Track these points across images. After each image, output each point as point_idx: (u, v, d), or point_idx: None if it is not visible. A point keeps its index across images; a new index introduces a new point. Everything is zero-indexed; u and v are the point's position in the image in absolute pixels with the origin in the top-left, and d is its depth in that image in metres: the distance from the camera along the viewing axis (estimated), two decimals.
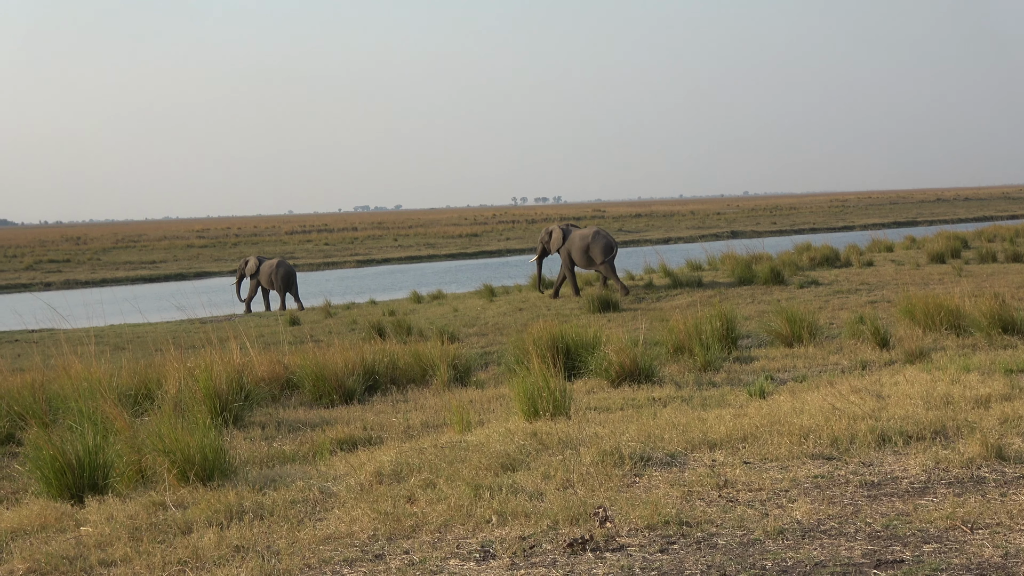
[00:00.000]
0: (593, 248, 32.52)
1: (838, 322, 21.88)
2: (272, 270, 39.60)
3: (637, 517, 7.83)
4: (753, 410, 11.63)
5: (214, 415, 13.48)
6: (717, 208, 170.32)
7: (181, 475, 9.92)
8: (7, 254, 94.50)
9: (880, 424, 10.17)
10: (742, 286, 30.92)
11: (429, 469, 9.74)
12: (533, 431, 10.96)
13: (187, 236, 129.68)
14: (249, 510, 8.79)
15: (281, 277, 39.38)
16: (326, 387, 16.20)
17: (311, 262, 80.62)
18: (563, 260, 33.71)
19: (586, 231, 33.26)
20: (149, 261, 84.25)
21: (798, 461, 9.36)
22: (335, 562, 7.38)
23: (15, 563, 7.82)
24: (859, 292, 28.19)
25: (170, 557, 7.64)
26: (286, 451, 12.51)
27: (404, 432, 13.30)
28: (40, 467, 10.29)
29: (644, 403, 13.67)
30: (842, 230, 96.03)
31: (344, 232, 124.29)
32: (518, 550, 7.34)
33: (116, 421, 11.30)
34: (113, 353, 21.51)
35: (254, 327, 28.09)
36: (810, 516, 7.74)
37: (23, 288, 65.37)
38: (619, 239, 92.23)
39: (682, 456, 9.81)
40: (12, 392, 14.92)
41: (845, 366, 16.09)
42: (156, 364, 16.83)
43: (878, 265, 35.32)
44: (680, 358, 17.50)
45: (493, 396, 15.45)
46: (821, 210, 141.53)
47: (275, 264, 39.73)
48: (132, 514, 8.96)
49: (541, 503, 8.38)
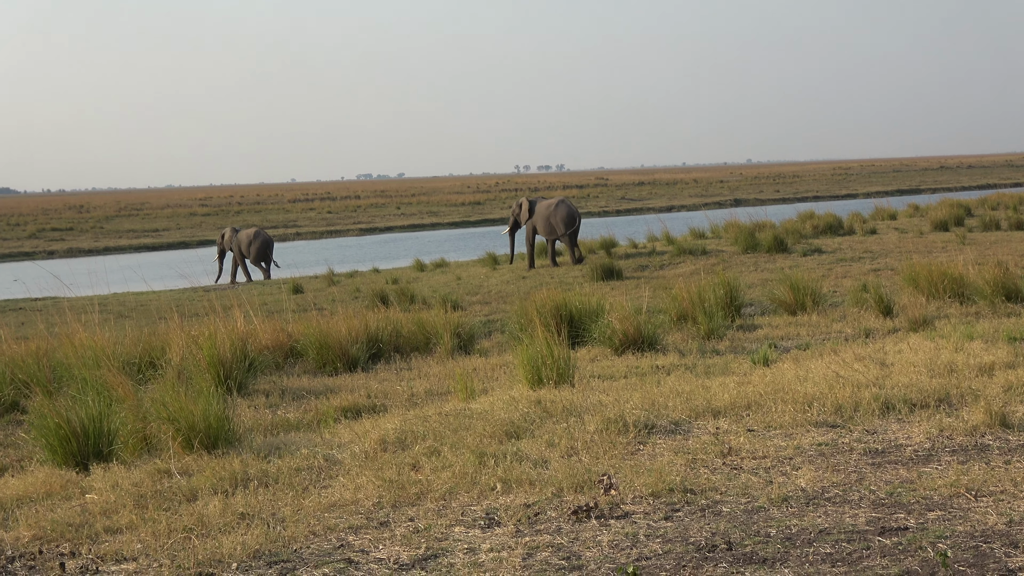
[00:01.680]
0: (555, 218, 32.84)
1: (841, 290, 21.88)
2: (249, 240, 39.61)
3: (641, 484, 7.84)
4: (757, 378, 11.64)
5: (218, 383, 13.47)
6: (720, 176, 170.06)
7: (186, 443, 9.93)
8: (10, 222, 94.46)
9: (884, 392, 10.18)
10: (745, 254, 30.93)
11: (433, 437, 9.75)
12: (537, 399, 10.97)
13: (190, 204, 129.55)
14: (254, 478, 8.81)
15: (258, 247, 39.42)
16: (330, 355, 16.21)
17: (314, 230, 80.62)
18: (527, 231, 34.42)
19: (550, 201, 33.96)
20: (152, 229, 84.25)
21: (802, 429, 9.37)
22: (340, 529, 7.39)
23: (21, 530, 7.83)
24: (862, 260, 28.17)
25: (175, 524, 7.65)
26: (290, 419, 12.53)
27: (408, 400, 13.31)
28: (45, 435, 10.31)
29: (648, 371, 13.67)
30: (845, 198, 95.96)
31: (347, 200, 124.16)
32: (523, 517, 7.35)
33: (120, 389, 11.32)
34: (117, 321, 21.53)
35: (257, 295, 28.13)
36: (814, 484, 7.75)
37: (26, 256, 65.44)
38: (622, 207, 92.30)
39: (686, 424, 9.82)
40: (16, 360, 14.94)
41: (849, 334, 16.09)
42: (160, 332, 16.84)
43: (881, 233, 35.31)
44: (684, 326, 17.50)
45: (497, 364, 15.46)
46: (824, 178, 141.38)
47: (252, 234, 39.75)
48: (137, 482, 8.98)
49: (545, 471, 8.39)
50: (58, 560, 7.19)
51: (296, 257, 52.65)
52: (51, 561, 7.18)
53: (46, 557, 7.29)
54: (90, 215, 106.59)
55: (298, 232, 79.67)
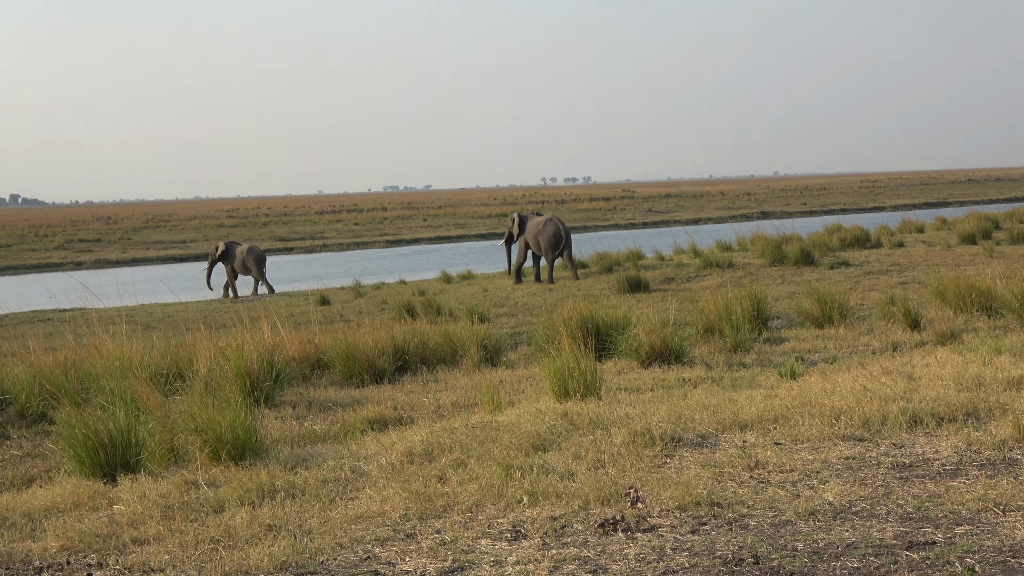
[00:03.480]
0: (542, 237, 33.03)
1: (869, 303, 21.84)
2: (244, 255, 39.91)
3: (668, 498, 7.83)
4: (784, 391, 11.62)
5: (245, 394, 13.50)
6: (747, 189, 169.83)
7: (213, 454, 9.95)
8: (38, 233, 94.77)
9: (911, 406, 10.14)
10: (772, 267, 30.90)
11: (460, 449, 9.75)
12: (564, 411, 10.96)
13: (217, 216, 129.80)
14: (281, 489, 8.82)
15: (253, 261, 39.71)
16: (357, 367, 16.23)
17: (341, 242, 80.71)
18: (519, 246, 34.57)
19: (539, 219, 34.19)
20: (179, 241, 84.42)
21: (829, 442, 9.34)
22: (367, 541, 7.40)
23: (49, 540, 7.85)
24: (890, 273, 28.12)
25: (202, 535, 7.66)
26: (317, 431, 12.55)
27: (435, 412, 13.33)
28: (73, 446, 10.35)
29: (674, 384, 13.66)
30: (873, 211, 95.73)
31: (374, 212, 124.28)
32: (549, 530, 7.35)
33: (148, 400, 11.36)
34: (144, 332, 21.57)
35: (284, 307, 28.17)
36: (841, 498, 7.73)
37: (54, 267, 65.65)
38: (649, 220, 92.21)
39: (713, 437, 9.80)
40: (44, 371, 14.99)
41: (876, 347, 16.06)
42: (187, 343, 16.88)
43: (909, 246, 35.25)
44: (710, 339, 17.49)
45: (523, 376, 15.47)
46: (852, 191, 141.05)
47: (246, 249, 40.06)
48: (164, 492, 9.00)
49: (572, 483, 8.38)
50: (85, 571, 7.21)
51: (323, 269, 52.73)
52: (78, 572, 7.20)
53: (73, 568, 7.31)
54: (118, 226, 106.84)
55: (325, 244, 79.78)
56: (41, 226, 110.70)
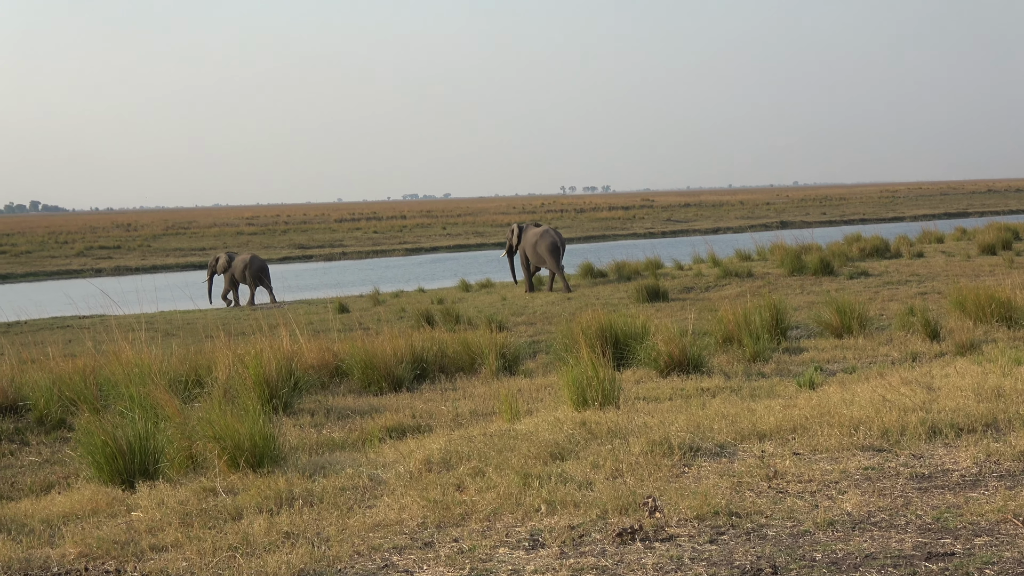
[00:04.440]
0: (540, 247, 33.51)
1: (888, 313, 21.79)
2: (245, 265, 40.00)
3: (686, 507, 7.81)
4: (803, 401, 11.59)
5: (264, 402, 13.53)
6: (766, 198, 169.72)
7: (231, 461, 9.96)
8: (58, 240, 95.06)
9: (931, 416, 10.11)
10: (791, 277, 30.84)
11: (478, 457, 9.74)
12: (582, 420, 10.95)
13: (237, 223, 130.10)
14: (299, 496, 8.83)
15: (253, 272, 39.80)
16: (375, 375, 16.25)
17: (360, 250, 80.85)
18: (520, 256, 35.26)
19: (537, 230, 34.90)
20: (199, 248, 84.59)
21: (848, 453, 9.32)
22: (384, 549, 7.40)
23: (67, 547, 7.87)
24: (909, 283, 28.07)
25: (220, 543, 7.67)
26: (335, 438, 12.57)
27: (453, 420, 13.34)
28: (92, 452, 10.37)
29: (693, 393, 13.65)
30: (892, 221, 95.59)
31: (393, 220, 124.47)
32: (567, 539, 7.34)
33: (167, 407, 11.38)
34: (163, 339, 21.61)
35: (303, 314, 28.19)
36: (860, 508, 7.71)
37: (74, 274, 65.82)
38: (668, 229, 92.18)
39: (731, 447, 9.79)
40: (64, 378, 15.03)
41: (895, 358, 16.03)
42: (206, 350, 16.90)
43: (928, 256, 35.15)
44: (729, 348, 17.47)
45: (542, 385, 15.47)
46: (871, 200, 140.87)
47: (247, 259, 40.15)
48: (183, 500, 9.01)
49: (590, 492, 8.38)
50: None
51: (342, 276, 52.78)
52: None
53: (92, 574, 7.33)
54: (137, 233, 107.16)
55: (344, 252, 79.91)
56: (61, 233, 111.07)
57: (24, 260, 76.82)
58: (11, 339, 24.67)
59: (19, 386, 15.41)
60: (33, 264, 73.82)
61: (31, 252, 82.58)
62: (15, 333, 29.17)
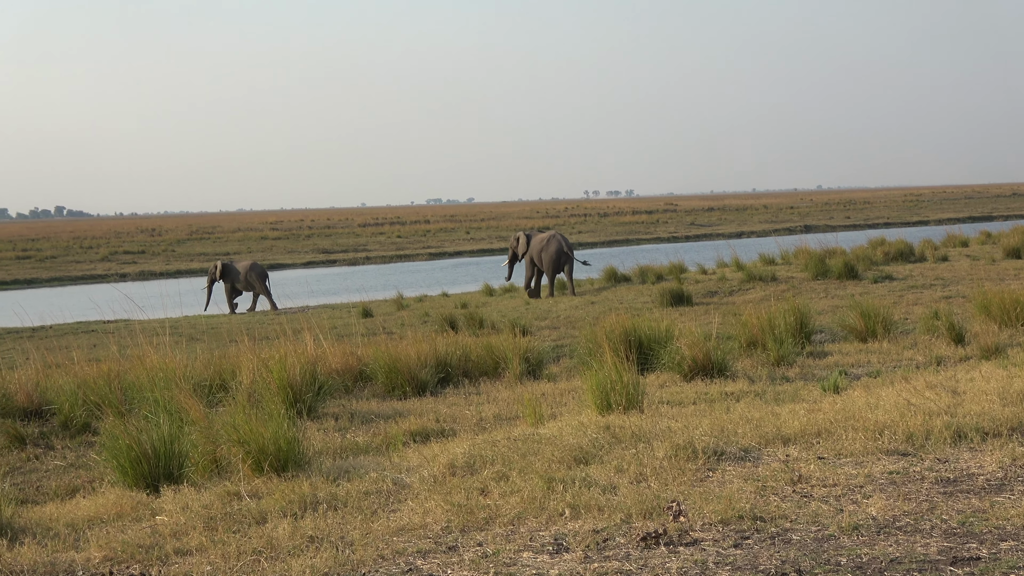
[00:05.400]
0: (545, 253, 33.87)
1: (912, 317, 21.75)
2: (246, 271, 40.18)
3: (711, 511, 7.80)
4: (827, 405, 11.56)
5: (288, 406, 13.53)
6: (790, 202, 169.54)
7: (255, 465, 9.97)
8: (83, 245, 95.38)
9: (956, 420, 10.08)
10: (815, 280, 30.78)
11: (502, 461, 9.74)
12: (606, 424, 10.95)
13: (261, 228, 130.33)
14: (323, 501, 8.84)
15: (256, 278, 39.98)
16: (399, 379, 16.26)
17: (383, 254, 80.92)
18: (526, 264, 35.81)
19: (543, 236, 35.56)
20: (223, 253, 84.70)
21: (873, 457, 9.30)
22: (409, 553, 7.40)
23: (92, 551, 7.89)
24: (934, 287, 27.99)
25: (245, 547, 7.68)
26: (359, 442, 12.57)
27: (477, 424, 13.34)
28: (116, 456, 10.40)
29: (717, 397, 13.63)
30: (916, 224, 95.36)
31: (417, 225, 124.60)
32: (591, 543, 7.34)
33: (191, 411, 11.39)
34: (188, 344, 21.68)
35: (327, 319, 28.23)
36: (885, 512, 7.69)
37: (99, 279, 66.04)
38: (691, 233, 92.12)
39: (756, 451, 9.77)
40: (89, 382, 15.06)
41: (920, 362, 15.99)
42: (230, 355, 16.93)
43: (953, 260, 35.06)
44: (753, 352, 17.45)
45: (565, 389, 15.46)
46: (895, 204, 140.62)
47: (248, 265, 40.33)
48: (207, 504, 9.02)
49: (614, 496, 8.37)
50: None
51: (365, 281, 52.82)
52: None
53: None
54: (162, 238, 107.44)
55: (368, 256, 80.00)
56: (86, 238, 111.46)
57: (49, 265, 77.04)
58: (36, 343, 24.72)
59: (44, 390, 15.46)
60: (58, 269, 74.03)
61: (56, 257, 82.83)
62: (40, 337, 29.25)
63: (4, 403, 15.07)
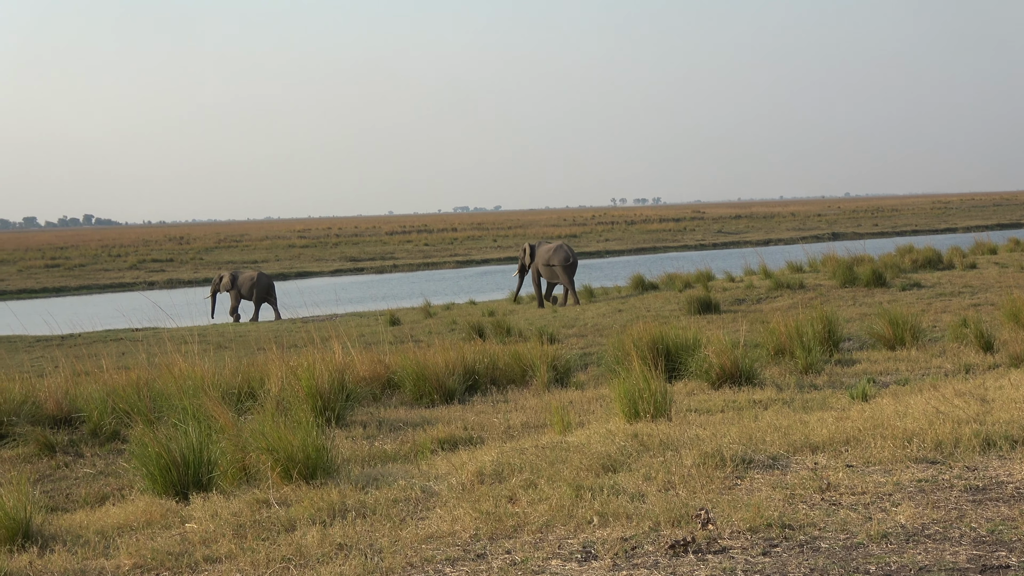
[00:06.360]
0: (554, 261, 34.36)
1: (941, 325, 21.68)
2: (252, 282, 40.39)
3: (739, 519, 7.80)
4: (855, 413, 11.55)
5: (316, 414, 13.56)
6: (818, 209, 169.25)
7: (284, 473, 9.99)
8: (111, 253, 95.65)
9: (985, 428, 10.05)
10: (843, 288, 30.70)
11: (530, 469, 9.74)
12: (634, 432, 10.94)
13: (288, 236, 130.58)
14: (352, 508, 8.85)
15: (260, 289, 40.21)
16: (427, 387, 16.27)
17: (411, 262, 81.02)
18: (531, 273, 36.37)
19: (549, 246, 36.06)
20: (251, 261, 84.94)
21: (901, 465, 9.28)
22: (437, 561, 7.41)
23: (122, 558, 7.92)
24: (962, 295, 27.90)
25: (274, 554, 7.71)
26: (387, 450, 12.59)
27: (504, 432, 13.34)
28: (145, 464, 10.42)
29: (745, 405, 13.61)
30: (944, 232, 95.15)
31: (444, 233, 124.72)
32: (620, 551, 7.34)
33: (220, 419, 11.42)
34: (216, 352, 21.74)
35: (355, 327, 28.27)
36: (914, 520, 7.68)
37: (127, 287, 66.26)
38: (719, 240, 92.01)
39: (784, 459, 9.76)
40: (117, 390, 15.11)
41: (948, 369, 15.94)
42: (258, 363, 16.96)
43: (981, 268, 34.92)
44: (781, 360, 17.42)
45: (593, 397, 15.45)
46: (923, 212, 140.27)
47: (254, 276, 40.56)
48: (236, 511, 9.05)
49: (643, 504, 8.37)
50: None
51: (393, 289, 52.91)
52: None
53: None
54: (190, 246, 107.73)
55: (395, 264, 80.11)
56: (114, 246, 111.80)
57: (78, 273, 77.32)
58: (65, 351, 24.84)
59: (74, 398, 15.51)
60: (87, 277, 74.28)
61: (84, 265, 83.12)
62: (69, 345, 29.36)
63: (34, 411, 15.12)
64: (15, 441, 14.39)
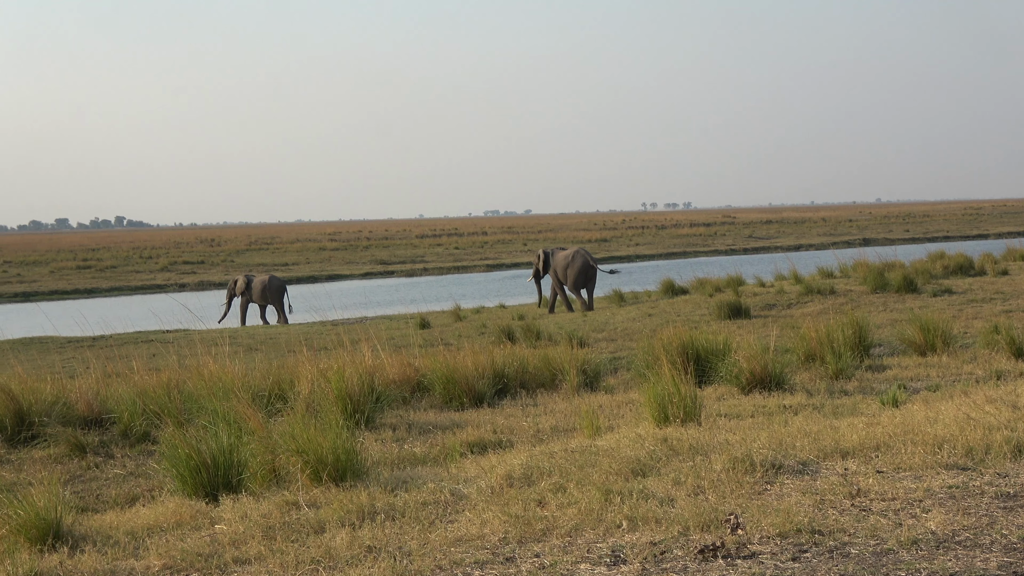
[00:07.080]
0: (571, 269, 34.49)
1: (972, 331, 21.60)
2: (264, 286, 40.60)
3: (769, 525, 7.78)
4: (886, 419, 11.51)
5: (346, 416, 13.60)
6: (849, 215, 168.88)
7: (314, 475, 10.01)
8: (143, 255, 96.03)
9: (1016, 435, 10.01)
10: (874, 294, 30.64)
11: (559, 473, 9.74)
12: (663, 437, 10.92)
13: (319, 239, 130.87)
14: (381, 511, 8.86)
15: (273, 291, 40.42)
16: (456, 390, 16.27)
17: (441, 265, 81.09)
18: (552, 280, 36.63)
19: (567, 252, 36.40)
20: (282, 263, 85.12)
21: (932, 471, 9.25)
22: (466, 564, 7.41)
23: (151, 559, 7.94)
24: (993, 301, 27.80)
25: (303, 556, 7.72)
26: (417, 453, 12.60)
27: (534, 436, 13.34)
28: (176, 465, 10.45)
29: (775, 410, 13.58)
30: (976, 238, 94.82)
31: (474, 236, 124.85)
32: (648, 556, 7.33)
33: (250, 421, 11.44)
34: (246, 354, 21.76)
35: (385, 329, 28.30)
36: (944, 527, 7.65)
37: (158, 289, 66.45)
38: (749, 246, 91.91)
39: (814, 464, 9.73)
40: (148, 391, 15.15)
41: (979, 376, 15.88)
42: (289, 365, 17.00)
43: (1013, 274, 34.81)
44: (811, 366, 17.37)
45: (623, 401, 15.44)
46: (955, 218, 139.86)
47: (266, 280, 40.78)
48: (266, 513, 9.06)
49: (672, 509, 8.35)
50: None
51: (422, 292, 52.96)
52: None
53: None
54: (221, 248, 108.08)
55: (425, 267, 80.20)
56: (146, 248, 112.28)
57: (109, 275, 77.64)
58: (96, 353, 24.90)
59: (104, 399, 15.55)
60: (118, 279, 74.58)
61: (116, 267, 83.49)
62: (100, 347, 29.45)
63: (65, 412, 15.17)
64: (46, 442, 14.43)
